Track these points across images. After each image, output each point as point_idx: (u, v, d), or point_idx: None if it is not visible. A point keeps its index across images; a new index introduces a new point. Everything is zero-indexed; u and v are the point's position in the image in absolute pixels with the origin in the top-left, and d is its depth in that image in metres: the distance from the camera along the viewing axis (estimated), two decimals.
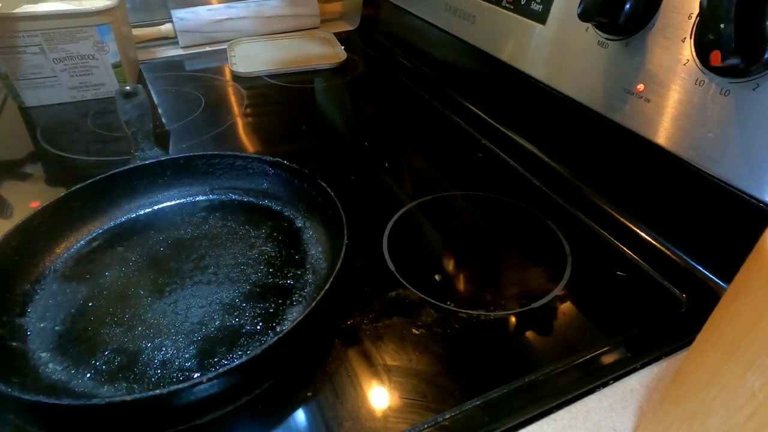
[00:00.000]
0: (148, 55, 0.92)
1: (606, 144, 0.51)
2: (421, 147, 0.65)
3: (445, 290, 0.43)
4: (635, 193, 0.49)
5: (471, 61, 0.71)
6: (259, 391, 0.34)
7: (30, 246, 0.43)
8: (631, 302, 0.42)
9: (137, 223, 0.50)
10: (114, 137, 0.66)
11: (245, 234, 0.48)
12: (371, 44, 0.97)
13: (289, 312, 0.40)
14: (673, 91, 0.43)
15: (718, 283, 0.41)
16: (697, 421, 0.26)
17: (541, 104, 0.59)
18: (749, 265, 0.22)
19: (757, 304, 0.21)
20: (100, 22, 0.70)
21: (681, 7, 0.42)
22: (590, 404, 0.34)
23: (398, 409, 0.33)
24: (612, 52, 0.48)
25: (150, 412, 0.32)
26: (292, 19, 1.01)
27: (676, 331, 0.39)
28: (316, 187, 0.47)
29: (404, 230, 0.50)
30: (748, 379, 0.22)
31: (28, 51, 0.69)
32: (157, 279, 0.43)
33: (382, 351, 0.37)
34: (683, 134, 0.43)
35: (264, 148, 0.66)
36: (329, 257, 0.44)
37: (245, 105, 0.75)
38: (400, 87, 0.80)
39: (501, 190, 0.55)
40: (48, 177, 0.62)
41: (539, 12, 0.56)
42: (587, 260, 0.46)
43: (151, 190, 0.52)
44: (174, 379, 0.35)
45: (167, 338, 0.38)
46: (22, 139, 0.67)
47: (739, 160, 0.39)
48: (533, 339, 0.39)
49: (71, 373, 0.36)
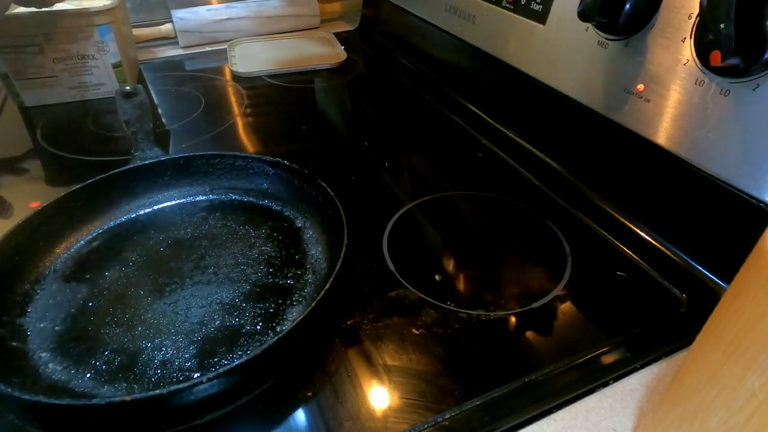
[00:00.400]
0: (148, 55, 0.92)
1: (606, 144, 0.51)
2: (421, 147, 0.65)
3: (445, 290, 0.43)
4: (635, 193, 0.49)
5: (471, 61, 0.71)
6: (259, 391, 0.34)
7: (30, 246, 0.43)
8: (631, 302, 0.42)
9: (137, 223, 0.50)
10: (114, 137, 0.66)
11: (245, 234, 0.48)
12: (371, 44, 0.97)
13: (289, 312, 0.40)
14: (673, 91, 0.43)
15: (718, 283, 0.41)
16: (697, 421, 0.26)
17: (541, 104, 0.58)
18: (749, 265, 0.22)
19: (757, 304, 0.21)
20: (100, 22, 0.70)
21: (681, 7, 0.42)
22: (590, 404, 0.34)
23: (398, 409, 0.33)
24: (612, 52, 0.48)
25: (150, 412, 0.32)
26: (292, 19, 1.01)
27: (676, 331, 0.39)
28: (316, 187, 0.47)
29: (404, 230, 0.50)
30: (748, 379, 0.22)
31: (28, 51, 0.69)
32: (157, 279, 0.43)
33: (382, 351, 0.37)
34: (683, 134, 0.43)
35: (264, 148, 0.66)
36: (329, 257, 0.44)
37: (245, 105, 0.75)
38: (400, 87, 0.80)
39: (501, 190, 0.55)
40: (48, 177, 0.62)
41: (539, 12, 0.56)
42: (587, 260, 0.46)
43: (151, 190, 0.52)
44: (174, 379, 0.35)
45: (167, 338, 0.38)
46: (22, 139, 0.67)
47: (739, 160, 0.39)
48: (533, 339, 0.39)
49: (71, 373, 0.36)
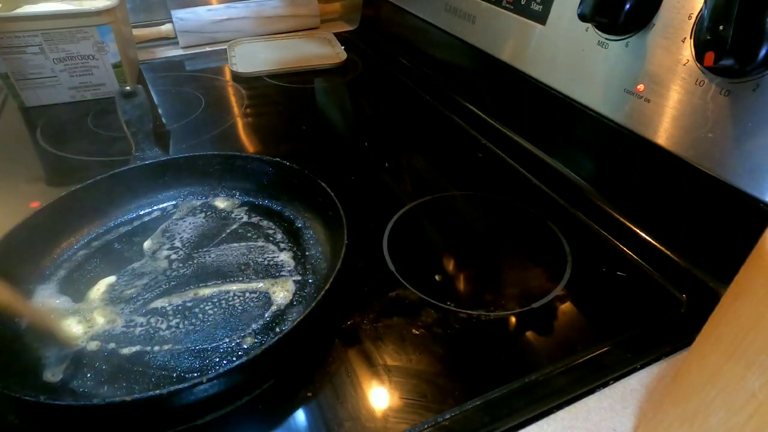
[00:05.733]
0: (148, 55, 0.92)
1: (606, 144, 0.51)
2: (421, 147, 0.65)
3: (445, 290, 0.43)
4: (635, 193, 0.49)
5: (471, 61, 0.71)
6: (259, 391, 0.34)
7: (30, 246, 0.43)
8: (631, 302, 0.42)
9: (137, 223, 0.50)
10: (114, 137, 0.66)
11: (245, 234, 0.48)
12: (371, 44, 0.97)
13: (289, 312, 0.40)
14: (673, 91, 0.43)
15: (718, 283, 0.41)
16: (697, 421, 0.26)
17: (541, 104, 0.58)
18: (749, 265, 0.22)
19: (757, 305, 0.21)
20: (100, 23, 0.70)
21: (681, 7, 0.42)
22: (590, 404, 0.34)
23: (398, 409, 0.33)
24: (612, 52, 0.48)
25: (150, 413, 0.32)
26: (292, 20, 1.01)
27: (676, 331, 0.39)
28: (316, 187, 0.47)
29: (404, 230, 0.50)
30: (748, 379, 0.22)
31: (28, 51, 0.69)
32: (157, 279, 0.43)
33: (382, 351, 0.37)
34: (683, 134, 0.43)
35: (264, 148, 0.66)
36: (329, 257, 0.44)
37: (245, 105, 0.75)
38: (400, 87, 0.80)
39: (501, 190, 0.55)
40: (48, 177, 0.62)
41: (539, 12, 0.56)
42: (587, 260, 0.46)
43: (151, 190, 0.52)
44: (174, 380, 0.35)
45: (167, 338, 0.38)
46: (22, 139, 0.67)
47: (739, 160, 0.39)
48: (533, 339, 0.39)
49: (71, 373, 0.36)
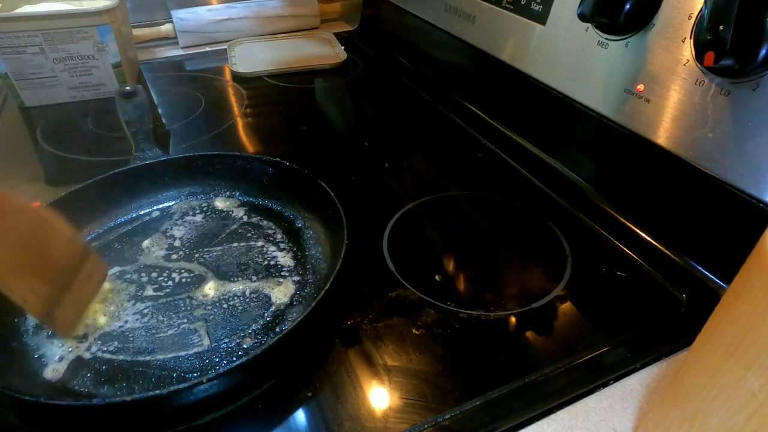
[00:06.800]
0: (148, 55, 0.92)
1: (606, 144, 0.51)
2: (421, 147, 0.65)
3: (445, 290, 0.43)
4: (635, 193, 0.49)
5: (471, 61, 0.71)
6: (259, 391, 0.34)
7: None
8: (631, 302, 0.42)
9: (137, 223, 0.50)
10: (114, 137, 0.66)
11: (245, 234, 0.48)
12: (371, 44, 0.97)
13: (289, 312, 0.40)
14: (673, 92, 0.43)
15: (718, 283, 0.41)
16: (697, 421, 0.26)
17: (541, 104, 0.58)
18: (749, 265, 0.22)
19: (757, 305, 0.21)
20: (100, 23, 0.70)
21: (681, 7, 0.42)
22: (590, 404, 0.34)
23: (398, 409, 0.33)
24: (612, 52, 0.48)
25: (150, 413, 0.32)
26: (292, 20, 1.01)
27: (676, 331, 0.39)
28: (316, 187, 0.47)
29: (404, 230, 0.50)
30: (748, 379, 0.22)
31: (28, 51, 0.69)
32: (157, 278, 0.43)
33: (382, 351, 0.37)
34: (683, 134, 0.43)
35: (264, 148, 0.66)
36: (329, 257, 0.44)
37: (245, 105, 0.75)
38: (400, 87, 0.80)
39: (501, 190, 0.55)
40: (48, 177, 0.62)
41: (539, 12, 0.56)
42: (587, 260, 0.46)
43: (151, 190, 0.52)
44: (174, 380, 0.35)
45: (167, 338, 0.38)
46: (22, 139, 0.67)
47: (739, 160, 0.39)
48: (533, 339, 0.39)
49: (71, 373, 0.36)
